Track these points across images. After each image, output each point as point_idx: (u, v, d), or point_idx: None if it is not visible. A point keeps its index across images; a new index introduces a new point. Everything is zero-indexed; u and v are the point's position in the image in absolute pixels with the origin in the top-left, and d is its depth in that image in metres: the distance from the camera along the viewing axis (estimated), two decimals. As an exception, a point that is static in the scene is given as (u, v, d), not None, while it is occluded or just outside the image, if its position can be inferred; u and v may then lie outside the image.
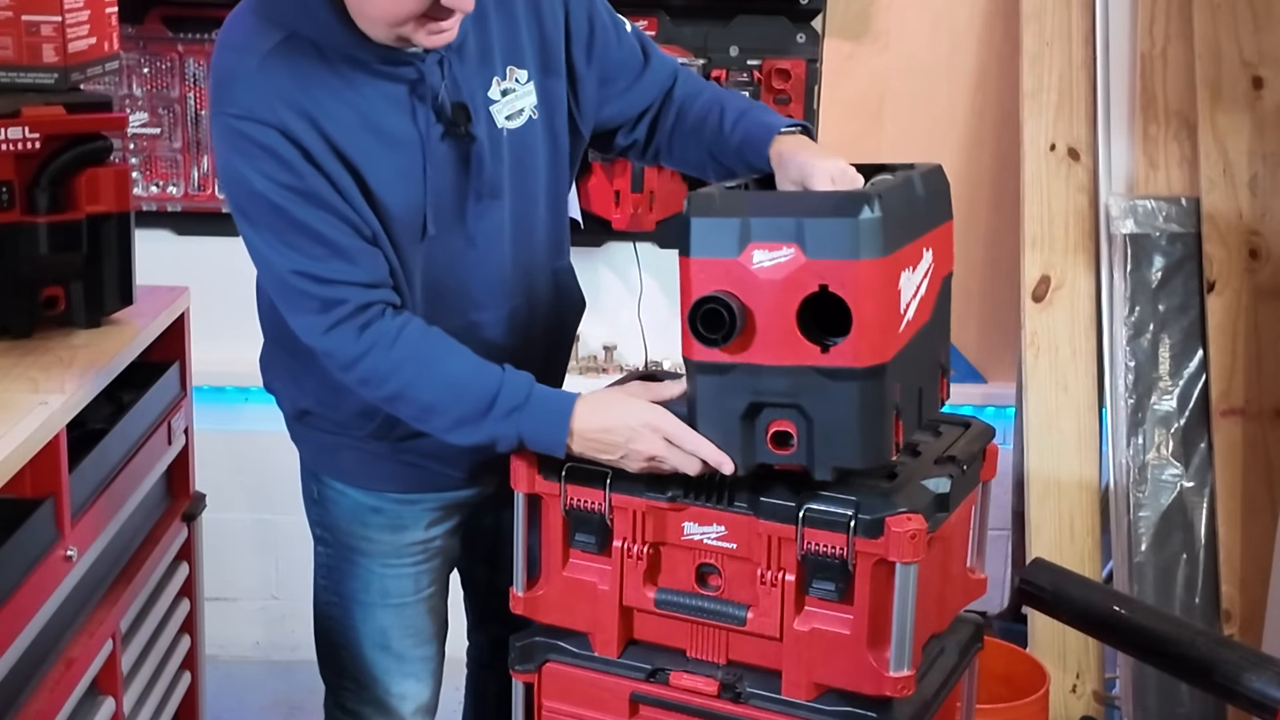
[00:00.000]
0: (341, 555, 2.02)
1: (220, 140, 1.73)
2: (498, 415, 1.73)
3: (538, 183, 1.90)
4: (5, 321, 2.14)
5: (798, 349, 1.57)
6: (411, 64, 1.76)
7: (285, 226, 1.71)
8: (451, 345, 1.77)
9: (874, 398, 1.58)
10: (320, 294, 1.73)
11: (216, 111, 1.72)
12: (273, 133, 1.69)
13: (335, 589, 2.04)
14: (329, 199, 1.71)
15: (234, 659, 3.31)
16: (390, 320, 1.75)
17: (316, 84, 1.72)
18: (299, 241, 1.72)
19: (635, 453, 1.70)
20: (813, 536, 1.64)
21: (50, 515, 1.85)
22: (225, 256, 3.10)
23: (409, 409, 1.78)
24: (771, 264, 1.55)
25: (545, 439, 1.73)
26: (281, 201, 1.70)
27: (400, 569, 2.00)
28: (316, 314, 1.74)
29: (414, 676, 2.05)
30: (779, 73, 3.02)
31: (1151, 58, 2.95)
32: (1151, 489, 2.88)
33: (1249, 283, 2.91)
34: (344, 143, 1.73)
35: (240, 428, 3.21)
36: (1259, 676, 2.03)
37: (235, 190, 1.74)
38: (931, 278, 1.72)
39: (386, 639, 2.02)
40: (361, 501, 1.98)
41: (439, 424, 1.77)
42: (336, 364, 1.77)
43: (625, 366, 3.21)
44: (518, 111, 1.85)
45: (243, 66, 1.71)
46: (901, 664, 1.64)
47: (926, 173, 1.74)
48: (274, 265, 1.74)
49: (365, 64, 1.74)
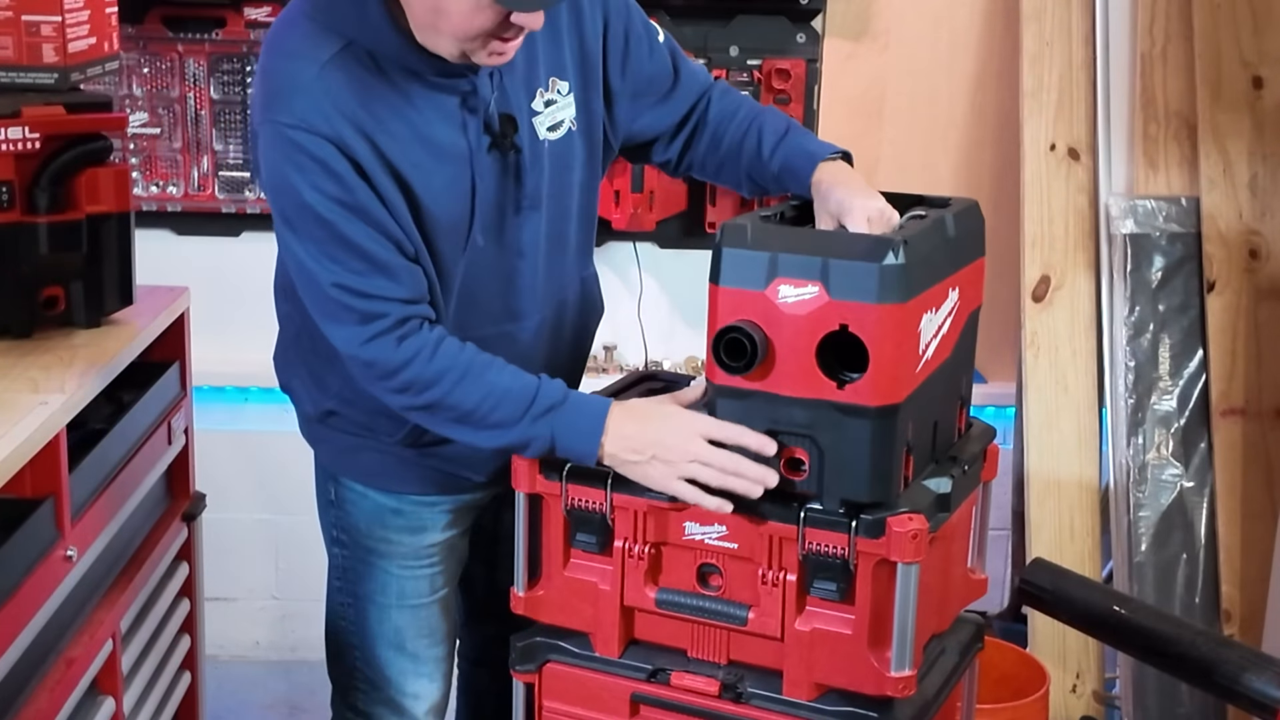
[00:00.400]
0: (359, 557, 2.01)
1: (271, 148, 1.71)
2: (533, 416, 1.73)
3: (572, 194, 1.92)
4: (5, 321, 2.13)
5: (815, 383, 1.62)
6: (465, 75, 1.76)
7: (330, 239, 1.71)
8: (488, 357, 1.77)
9: (885, 436, 1.62)
10: (360, 307, 1.73)
11: (268, 119, 1.71)
12: (328, 145, 1.68)
13: (351, 590, 2.03)
14: (377, 215, 1.71)
15: (234, 659, 3.31)
16: (428, 332, 1.75)
17: (373, 96, 1.72)
18: (342, 255, 1.71)
19: (671, 450, 1.68)
20: (814, 536, 1.64)
21: (50, 515, 1.85)
22: (225, 256, 3.14)
23: (445, 415, 1.77)
24: (796, 300, 1.61)
25: (580, 442, 1.73)
26: (329, 215, 1.70)
27: (418, 570, 2.00)
28: (356, 325, 1.74)
29: (427, 676, 2.05)
30: (779, 73, 3.02)
31: (1151, 58, 2.95)
32: (1151, 489, 2.88)
33: (1249, 283, 2.91)
34: (397, 156, 1.73)
35: (240, 428, 3.22)
36: (1259, 676, 2.03)
37: (283, 199, 1.73)
38: (956, 316, 1.76)
39: (402, 639, 2.02)
40: (382, 503, 1.98)
41: (473, 430, 1.77)
42: (375, 373, 1.76)
43: (625, 366, 3.21)
44: (558, 123, 1.87)
45: (300, 75, 1.70)
46: (903, 664, 1.64)
47: (960, 211, 1.78)
48: (315, 276, 1.74)
49: (420, 75, 1.74)
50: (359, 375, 1.80)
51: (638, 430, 1.71)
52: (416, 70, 1.74)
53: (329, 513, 2.04)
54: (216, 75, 3.03)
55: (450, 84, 1.76)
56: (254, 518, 3.26)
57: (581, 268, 1.99)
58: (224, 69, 3.03)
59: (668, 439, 1.69)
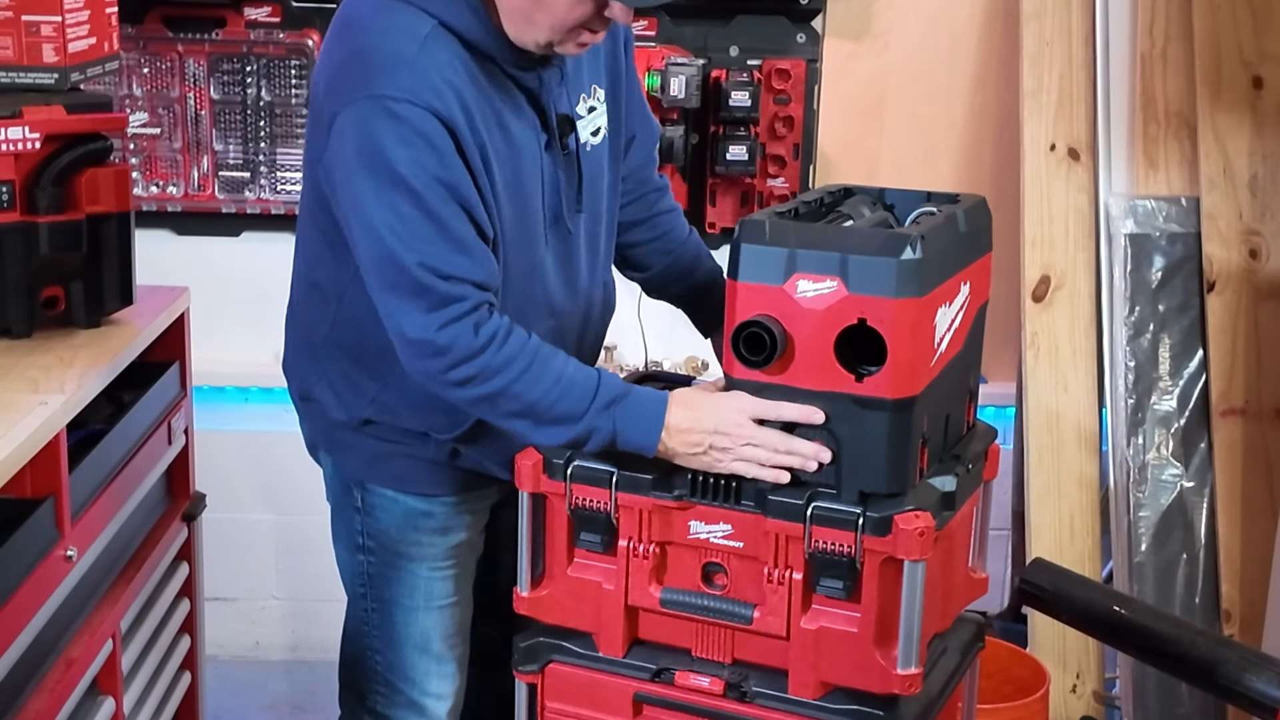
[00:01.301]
0: (387, 562, 1.99)
1: (367, 122, 1.69)
2: (597, 408, 1.73)
3: (603, 199, 1.96)
4: (5, 321, 2.13)
5: (833, 376, 1.64)
6: (535, 71, 1.79)
7: (421, 216, 1.69)
8: (552, 348, 1.78)
9: (902, 428, 1.64)
10: (443, 289, 1.71)
11: (366, 95, 1.69)
12: (432, 119, 1.68)
13: (377, 595, 2.02)
14: (468, 195, 1.72)
15: (234, 659, 3.30)
16: (500, 318, 1.75)
17: (466, 77, 1.73)
18: (431, 234, 1.70)
19: (724, 437, 1.68)
20: (820, 535, 1.64)
21: (50, 515, 1.85)
22: (225, 256, 3.14)
23: (508, 405, 1.75)
24: (814, 294, 1.62)
25: (641, 433, 1.73)
26: (425, 191, 1.69)
27: (445, 571, 2.00)
28: (433, 308, 1.71)
29: (450, 677, 2.05)
30: (779, 73, 3.02)
31: (1151, 58, 2.95)
32: (1151, 489, 2.88)
33: (1249, 283, 2.92)
34: (487, 140, 1.75)
35: (240, 428, 3.21)
36: (1259, 676, 2.03)
37: (374, 175, 1.69)
38: (967, 310, 1.78)
39: (428, 641, 2.02)
40: (414, 507, 1.97)
41: (535, 421, 1.75)
42: (448, 361, 1.72)
43: (625, 366, 3.21)
44: (597, 129, 1.91)
45: (403, 50, 1.70)
46: (909, 662, 1.64)
47: (970, 207, 1.79)
48: (398, 255, 1.70)
49: (499, 64, 1.76)
50: (421, 364, 1.75)
51: (692, 422, 1.71)
52: (496, 58, 1.76)
53: (353, 520, 2.00)
54: (216, 75, 3.03)
55: (522, 77, 1.78)
56: (254, 518, 3.26)
57: (605, 270, 2.02)
58: (224, 69, 3.02)
59: (721, 426, 1.69)
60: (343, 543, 2.05)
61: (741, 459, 1.69)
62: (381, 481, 1.97)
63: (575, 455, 1.76)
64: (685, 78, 2.94)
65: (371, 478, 1.98)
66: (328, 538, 2.10)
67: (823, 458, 1.66)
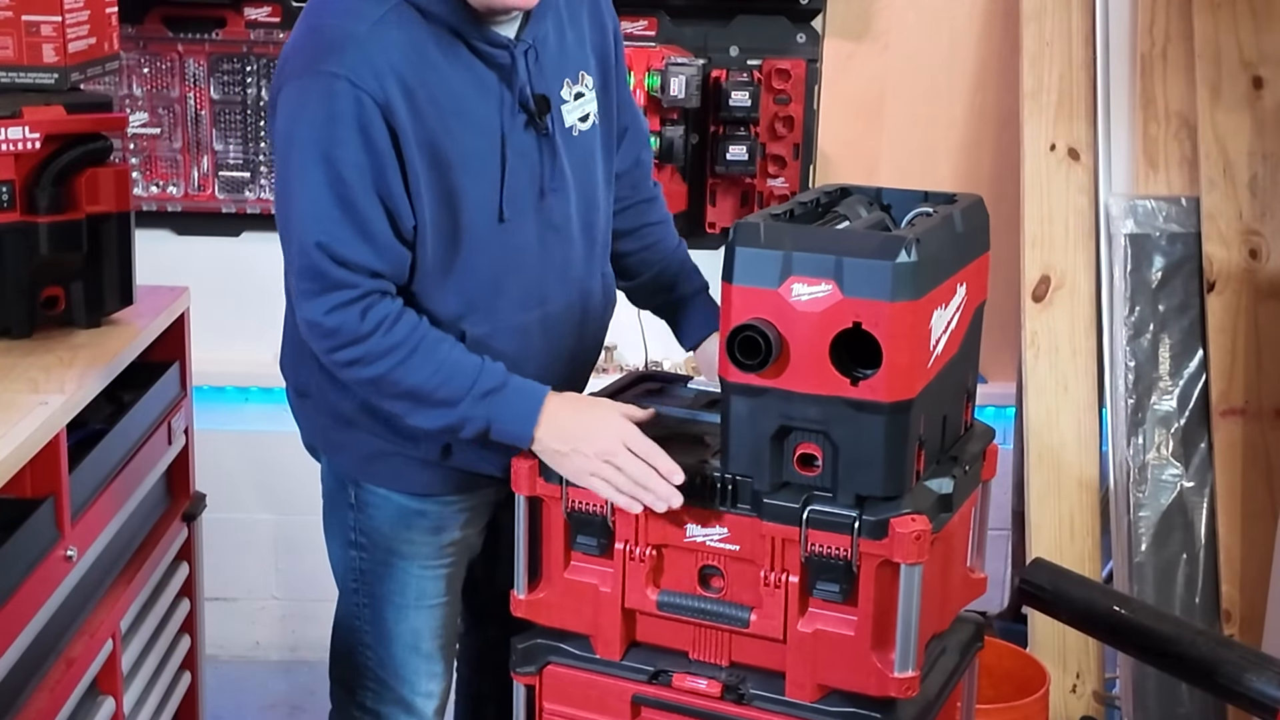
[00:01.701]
0: (379, 559, 2.00)
1: (307, 95, 1.71)
2: (474, 396, 1.77)
3: (597, 187, 1.96)
4: (5, 321, 2.13)
5: (829, 380, 1.62)
6: (506, 48, 1.80)
7: (335, 199, 1.72)
8: (440, 335, 1.80)
9: (898, 431, 1.63)
10: (334, 274, 1.74)
11: (311, 70, 1.71)
12: (367, 101, 1.70)
13: (368, 592, 2.03)
14: (388, 183, 1.73)
15: (234, 659, 3.30)
16: (390, 304, 1.78)
17: (420, 57, 1.74)
18: (339, 216, 1.72)
19: (591, 450, 1.72)
20: (816, 538, 1.64)
21: (50, 515, 1.85)
22: (225, 256, 3.14)
23: (391, 389, 1.79)
24: (809, 298, 1.61)
25: (515, 424, 1.76)
26: (347, 174, 1.71)
27: (437, 570, 2.01)
28: (323, 291, 1.75)
29: (439, 675, 2.06)
30: (779, 73, 3.02)
31: (1151, 58, 2.95)
32: (1151, 489, 2.88)
33: (1249, 283, 2.92)
34: (434, 122, 1.75)
35: (240, 428, 3.21)
36: (1259, 676, 2.02)
37: (305, 148, 1.72)
38: (964, 311, 1.77)
39: (419, 639, 2.03)
40: (406, 505, 1.97)
41: (414, 406, 1.80)
42: (333, 343, 1.77)
43: (625, 366, 3.21)
44: (585, 115, 1.91)
45: (354, 31, 1.72)
46: (906, 665, 1.64)
47: (967, 208, 1.79)
48: (302, 231, 1.74)
49: (465, 39, 1.77)
50: (314, 344, 1.80)
51: (570, 422, 1.75)
52: (461, 32, 1.76)
53: (346, 516, 2.02)
54: (216, 75, 3.03)
55: (491, 53, 1.79)
56: (254, 518, 3.26)
57: (603, 262, 2.02)
58: (224, 69, 3.03)
59: (595, 436, 1.73)
60: (335, 538, 2.05)
61: (600, 476, 1.72)
62: (375, 480, 1.98)
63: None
64: (685, 78, 2.94)
65: (365, 476, 1.98)
66: (329, 537, 2.11)
67: (674, 503, 1.69)
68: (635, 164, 2.09)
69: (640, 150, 2.10)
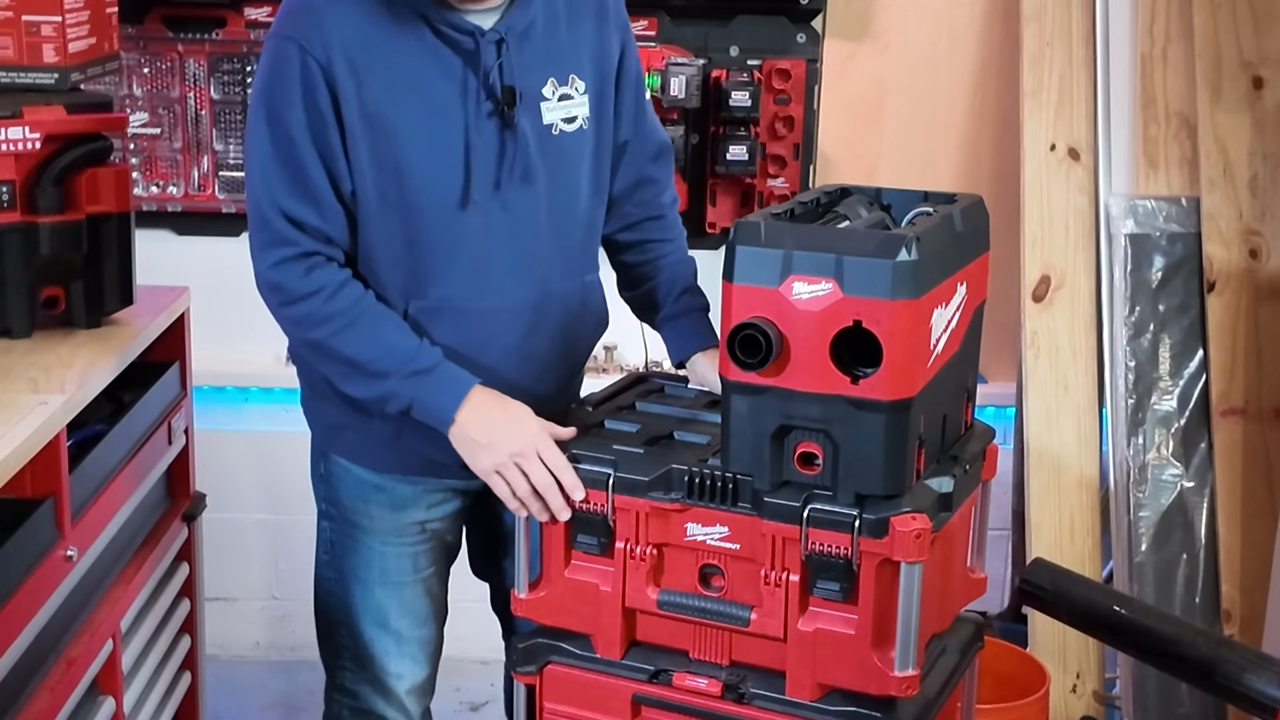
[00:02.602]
0: (344, 531, 2.05)
1: (268, 59, 1.82)
2: (403, 374, 1.82)
3: (578, 192, 1.96)
4: (5, 321, 2.13)
5: (829, 378, 1.63)
6: (471, 35, 1.83)
7: (282, 156, 1.81)
8: (384, 310, 1.86)
9: (899, 429, 1.63)
10: (280, 228, 1.83)
11: (274, 35, 1.81)
12: (313, 65, 1.79)
13: (336, 565, 2.07)
14: (334, 149, 1.81)
15: (234, 659, 3.30)
16: (336, 272, 1.85)
17: (378, 32, 1.80)
18: (286, 174, 1.82)
19: (505, 448, 1.77)
20: (817, 537, 1.64)
21: (50, 515, 1.85)
22: (225, 256, 3.13)
23: (329, 354, 1.86)
24: (809, 296, 1.61)
25: (437, 407, 1.82)
26: (293, 133, 1.80)
27: (400, 548, 2.03)
28: (271, 245, 1.84)
29: (410, 657, 2.08)
30: (779, 73, 3.02)
31: (1151, 58, 2.95)
32: (1151, 489, 2.88)
33: (1249, 283, 2.92)
34: (382, 96, 1.81)
35: (240, 428, 3.21)
36: (1259, 676, 2.02)
37: (261, 108, 1.82)
38: (964, 310, 1.77)
39: (385, 618, 2.05)
40: (365, 479, 2.01)
41: (348, 372, 1.86)
42: (279, 298, 1.85)
43: (625, 366, 3.21)
44: (570, 118, 1.92)
45: (312, 2, 1.81)
46: (906, 664, 1.64)
47: (967, 207, 1.79)
48: (256, 186, 1.85)
49: (429, 22, 1.82)
50: (264, 298, 1.87)
51: (492, 417, 1.81)
52: (427, 16, 1.81)
53: (319, 487, 2.07)
54: (216, 75, 3.03)
55: (456, 38, 1.83)
56: (254, 518, 3.26)
57: (583, 270, 2.01)
58: (224, 69, 3.03)
59: (513, 436, 1.78)
60: (317, 510, 2.10)
61: (504, 476, 1.78)
62: (338, 451, 2.02)
63: (573, 458, 1.76)
64: (685, 78, 2.94)
65: (331, 446, 2.03)
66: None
67: (561, 517, 1.75)
68: (639, 182, 2.07)
69: (646, 167, 2.07)
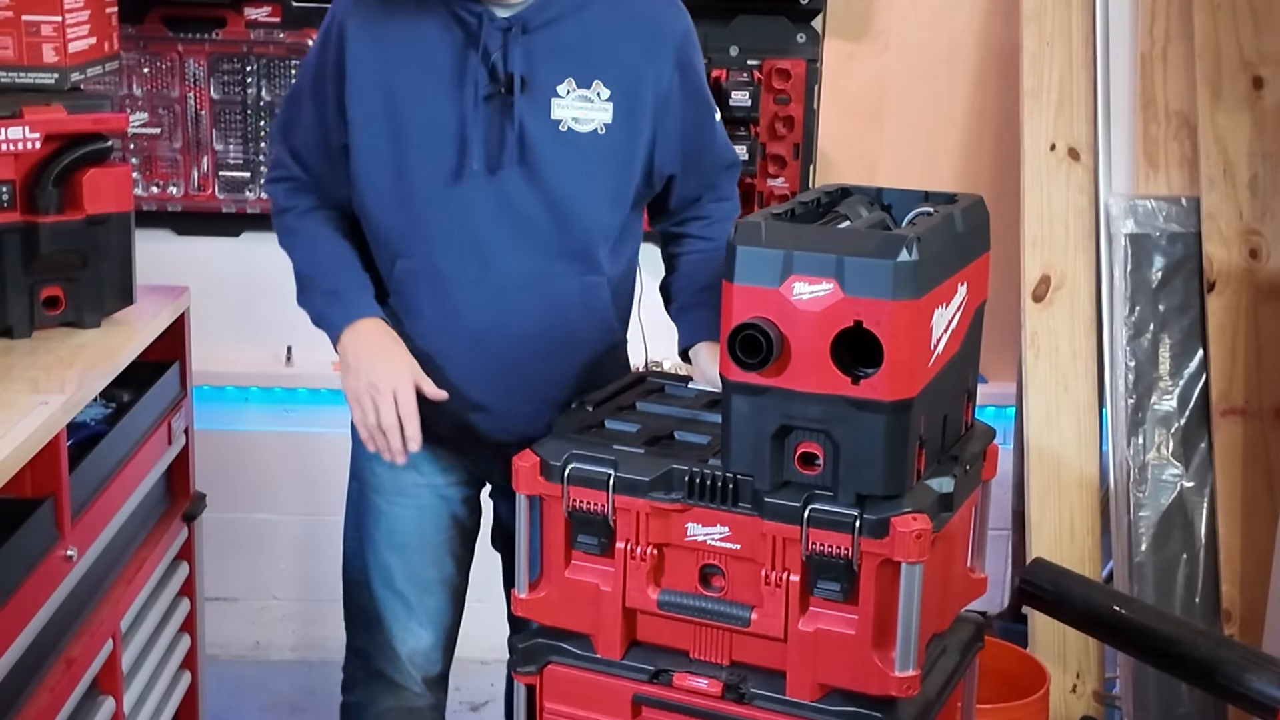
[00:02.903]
0: (358, 490, 2.15)
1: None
2: (321, 290, 2.01)
3: (586, 192, 1.98)
4: (5, 321, 2.14)
5: (830, 378, 1.63)
6: (479, 18, 1.93)
7: (294, 97, 2.08)
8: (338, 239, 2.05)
9: (899, 430, 1.63)
10: (278, 153, 2.10)
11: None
12: (335, 29, 1.99)
13: (356, 523, 2.16)
14: (331, 102, 2.00)
15: (234, 659, 3.31)
16: (310, 197, 2.07)
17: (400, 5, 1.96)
18: (291, 112, 2.08)
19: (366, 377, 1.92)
20: (817, 537, 1.64)
21: (50, 515, 1.85)
22: (225, 256, 3.14)
23: (291, 259, 2.07)
24: (810, 297, 1.61)
25: (330, 322, 1.99)
26: (311, 76, 2.03)
27: (404, 508, 2.10)
28: (272, 165, 2.12)
29: (417, 623, 2.12)
30: (779, 73, 3.02)
31: (1151, 58, 2.95)
32: (1151, 489, 2.88)
33: (1249, 283, 2.92)
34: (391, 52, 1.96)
35: (240, 428, 3.21)
36: (1259, 676, 2.03)
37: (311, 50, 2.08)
38: (964, 310, 1.77)
39: (391, 578, 2.11)
40: None
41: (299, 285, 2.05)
42: (272, 209, 2.12)
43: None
44: (588, 119, 1.97)
45: None
46: (907, 664, 1.64)
47: (967, 207, 1.79)
48: (278, 115, 2.15)
49: (447, 2, 1.94)
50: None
51: (369, 348, 1.95)
52: None
53: (351, 445, 2.16)
54: (216, 75, 3.03)
55: (465, 18, 1.93)
56: (254, 518, 3.26)
57: (584, 270, 2.02)
58: (224, 69, 3.03)
59: (376, 370, 1.93)
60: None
61: (359, 403, 1.94)
62: None
63: (573, 458, 1.76)
64: (685, 78, 2.94)
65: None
66: (328, 537, 2.11)
67: (398, 460, 1.94)
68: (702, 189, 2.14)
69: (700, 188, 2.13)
